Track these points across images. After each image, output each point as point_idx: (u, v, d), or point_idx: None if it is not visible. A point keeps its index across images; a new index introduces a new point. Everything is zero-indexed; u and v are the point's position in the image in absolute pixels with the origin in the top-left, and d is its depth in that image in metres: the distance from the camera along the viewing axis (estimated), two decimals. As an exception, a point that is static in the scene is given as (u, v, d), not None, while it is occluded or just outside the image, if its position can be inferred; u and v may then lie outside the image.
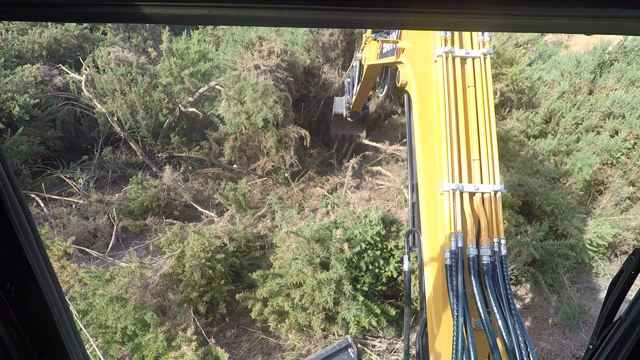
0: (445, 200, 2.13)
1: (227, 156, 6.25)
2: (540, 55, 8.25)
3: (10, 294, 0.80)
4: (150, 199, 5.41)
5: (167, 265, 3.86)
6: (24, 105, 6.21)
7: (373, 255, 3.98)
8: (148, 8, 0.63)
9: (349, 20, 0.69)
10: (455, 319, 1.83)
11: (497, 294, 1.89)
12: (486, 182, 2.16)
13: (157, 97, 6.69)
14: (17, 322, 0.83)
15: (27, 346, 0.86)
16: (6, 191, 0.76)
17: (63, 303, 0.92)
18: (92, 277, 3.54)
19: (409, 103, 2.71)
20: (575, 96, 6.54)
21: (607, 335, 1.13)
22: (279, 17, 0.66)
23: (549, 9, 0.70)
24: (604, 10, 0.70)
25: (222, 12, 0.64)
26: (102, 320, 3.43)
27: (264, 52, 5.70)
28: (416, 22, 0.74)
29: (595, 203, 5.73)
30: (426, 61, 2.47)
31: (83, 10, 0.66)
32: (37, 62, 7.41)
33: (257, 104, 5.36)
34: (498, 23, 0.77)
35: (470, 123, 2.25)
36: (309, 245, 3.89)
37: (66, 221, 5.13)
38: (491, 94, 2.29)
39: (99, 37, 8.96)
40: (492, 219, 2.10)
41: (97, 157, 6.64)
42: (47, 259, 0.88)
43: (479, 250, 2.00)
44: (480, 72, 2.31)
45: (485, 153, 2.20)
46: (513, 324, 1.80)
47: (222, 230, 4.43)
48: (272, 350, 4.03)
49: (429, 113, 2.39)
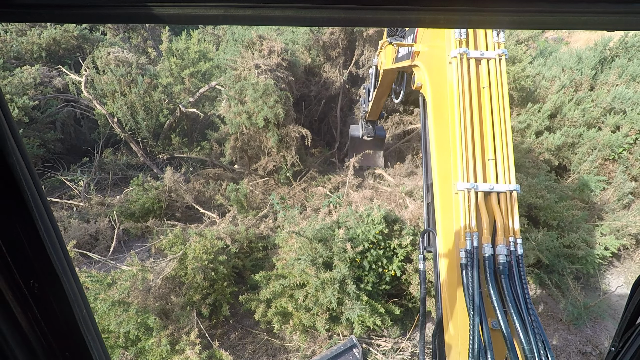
0: (460, 199, 2.12)
1: (228, 156, 6.22)
2: (541, 52, 8.22)
3: (33, 290, 0.82)
4: (152, 200, 5.38)
5: (169, 267, 3.83)
6: (23, 107, 6.18)
7: (376, 255, 3.96)
8: (163, 9, 0.63)
9: (365, 18, 0.68)
10: (472, 318, 1.81)
11: (513, 294, 1.87)
12: (501, 181, 2.15)
13: (158, 98, 6.65)
14: (40, 319, 0.85)
15: (50, 342, 0.88)
16: (29, 190, 0.78)
17: (84, 300, 0.94)
18: (94, 281, 3.51)
19: (424, 106, 2.73)
20: (577, 92, 6.52)
21: (629, 337, 1.10)
22: (295, 16, 0.65)
23: (569, 5, 0.68)
24: (626, 6, 0.67)
25: (239, 12, 0.64)
26: (105, 325, 3.41)
27: (265, 51, 5.67)
28: (432, 20, 0.72)
29: (598, 198, 5.70)
30: (441, 63, 2.49)
31: (96, 12, 0.66)
32: (36, 63, 7.37)
33: (257, 104, 5.33)
34: (515, 20, 0.75)
35: (485, 123, 2.25)
36: (312, 245, 3.86)
37: (67, 224, 5.09)
38: (506, 95, 2.29)
39: (99, 37, 8.91)
40: (507, 219, 2.08)
41: (97, 159, 6.60)
42: (68, 256, 0.90)
43: (494, 249, 1.98)
44: (495, 73, 2.31)
45: (500, 153, 2.20)
46: (531, 324, 1.78)
47: (224, 232, 4.40)
48: (277, 351, 4.00)
49: (444, 114, 2.40)
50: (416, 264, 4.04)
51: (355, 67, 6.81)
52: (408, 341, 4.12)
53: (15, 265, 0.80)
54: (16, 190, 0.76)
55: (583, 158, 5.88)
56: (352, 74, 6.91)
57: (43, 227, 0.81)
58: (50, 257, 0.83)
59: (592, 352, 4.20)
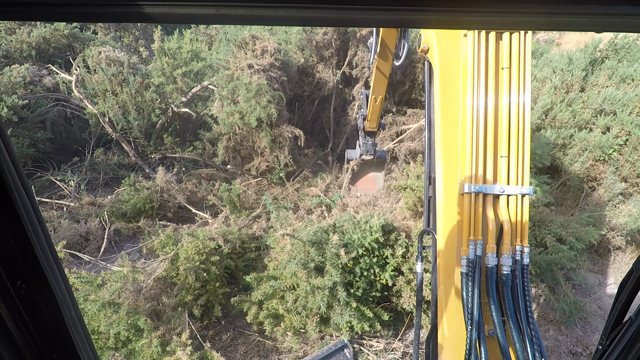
0: (466, 203, 1.93)
1: (221, 156, 6.19)
2: (533, 53, 8.31)
3: (21, 291, 0.82)
4: (143, 201, 5.33)
5: (160, 268, 3.80)
6: (12, 106, 6.08)
7: (369, 262, 3.93)
8: (154, 8, 0.63)
9: (357, 19, 0.68)
10: (469, 332, 1.75)
11: (515, 306, 1.79)
12: (513, 182, 1.93)
13: (150, 98, 6.60)
14: (28, 320, 0.85)
15: (37, 344, 0.88)
16: (17, 190, 0.77)
17: (72, 301, 0.93)
18: (84, 282, 3.47)
19: (429, 74, 2.37)
20: (568, 93, 6.60)
21: (617, 335, 1.12)
22: (287, 16, 0.65)
23: (558, 7, 0.69)
24: (614, 8, 0.68)
25: (230, 12, 0.64)
26: (95, 326, 3.37)
27: (258, 51, 5.65)
28: (423, 20, 0.72)
29: (588, 199, 5.78)
30: (453, 33, 2.16)
31: (86, 10, 0.66)
32: (25, 62, 7.27)
33: (250, 104, 5.32)
34: (505, 21, 0.76)
35: (501, 112, 1.95)
36: (305, 249, 3.84)
37: (57, 224, 5.02)
38: (528, 79, 1.96)
39: (90, 36, 8.80)
40: (516, 225, 1.91)
41: (88, 158, 6.53)
42: (57, 257, 0.89)
43: (499, 259, 1.86)
44: (518, 52, 1.95)
45: (515, 149, 1.94)
46: (530, 337, 1.72)
47: (217, 232, 4.38)
48: (269, 352, 3.99)
49: (453, 95, 2.08)
50: (407, 276, 4.02)
51: (348, 68, 6.81)
52: (400, 342, 4.13)
53: (2, 265, 0.79)
54: (3, 189, 0.75)
55: (574, 159, 5.96)
56: (345, 74, 6.92)
57: (31, 227, 0.80)
58: (39, 258, 0.82)
59: (582, 353, 4.25)
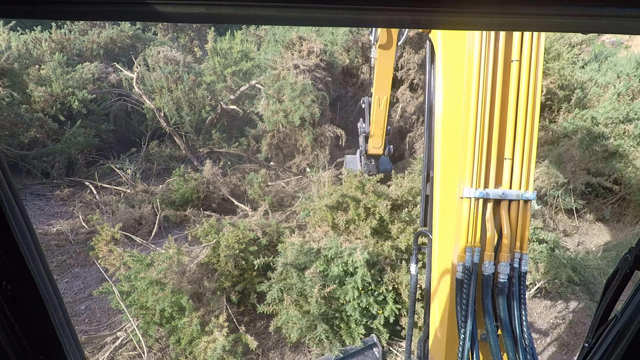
0: (465, 208, 1.82)
1: (264, 153, 6.43)
2: (596, 56, 7.74)
3: (6, 292, 0.80)
4: (191, 191, 5.68)
5: (203, 254, 4.05)
6: (82, 100, 6.76)
7: (366, 302, 3.72)
8: (144, 7, 0.63)
9: (349, 19, 0.68)
10: (462, 341, 1.73)
11: (509, 314, 1.75)
12: (516, 186, 1.81)
13: (201, 95, 7.01)
14: (13, 322, 0.83)
15: (23, 345, 0.86)
16: (2, 190, 0.75)
17: (60, 302, 0.92)
18: (135, 261, 3.79)
19: (431, 55, 2.21)
20: (633, 100, 6.09)
21: (602, 333, 1.12)
22: (277, 15, 0.65)
23: (545, 8, 0.69)
24: (600, 9, 0.68)
25: (220, 11, 0.65)
26: (143, 301, 3.67)
27: (304, 52, 5.81)
28: (413, 20, 0.72)
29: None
30: None
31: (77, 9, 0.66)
32: (95, 60, 8.02)
33: (295, 103, 5.48)
34: (494, 22, 0.76)
35: (508, 109, 1.82)
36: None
37: (115, 208, 5.52)
38: (540, 74, 1.80)
39: (150, 37, 9.51)
40: (516, 232, 1.81)
41: (144, 149, 7.07)
42: (44, 258, 0.88)
43: (496, 267, 1.78)
44: (530, 43, 1.79)
45: (520, 150, 1.80)
46: (523, 346, 1.68)
47: (256, 224, 4.57)
48: (300, 344, 4.10)
49: (456, 86, 1.92)
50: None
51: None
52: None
53: (-14, 267, 0.77)
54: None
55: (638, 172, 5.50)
56: (389, 75, 6.88)
57: (17, 227, 0.78)
58: (24, 258, 0.80)
59: None
